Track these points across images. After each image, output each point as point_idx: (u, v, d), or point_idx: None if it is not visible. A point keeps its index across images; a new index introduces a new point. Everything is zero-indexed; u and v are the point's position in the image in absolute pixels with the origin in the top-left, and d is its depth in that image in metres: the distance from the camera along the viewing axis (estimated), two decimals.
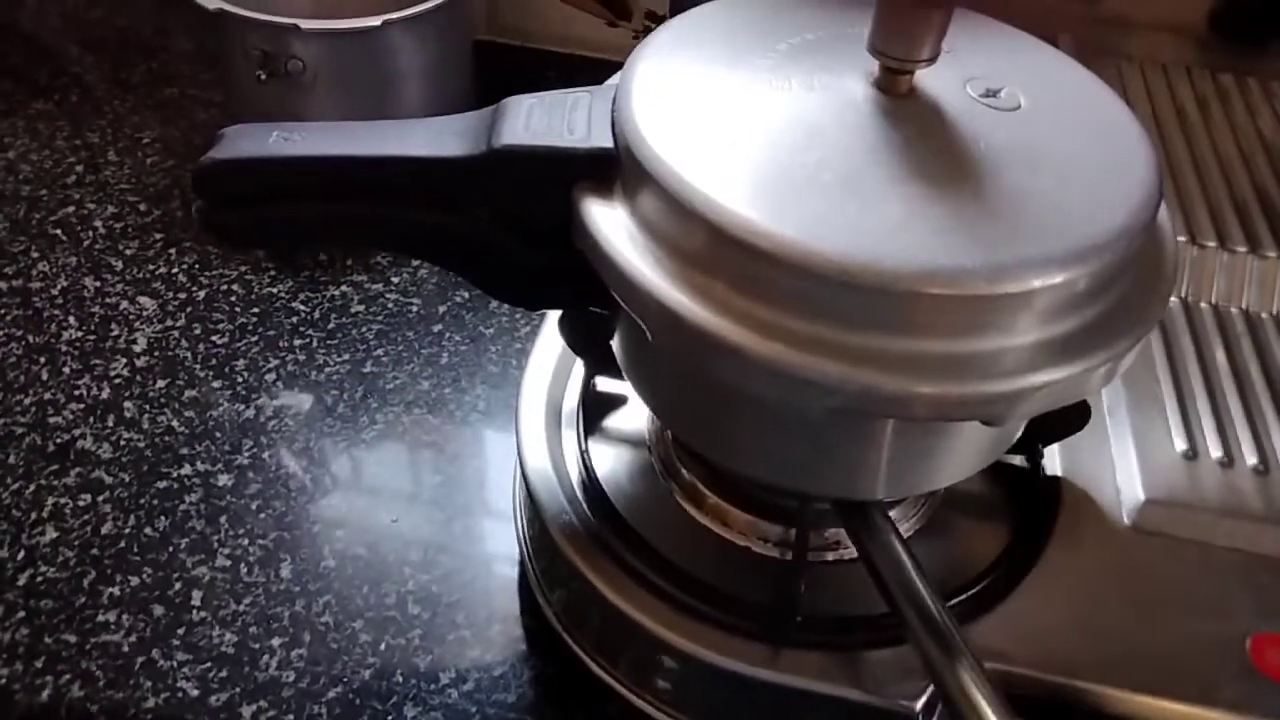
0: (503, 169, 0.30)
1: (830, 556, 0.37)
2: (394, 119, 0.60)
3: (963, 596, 0.36)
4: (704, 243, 0.27)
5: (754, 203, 0.26)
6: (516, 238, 0.32)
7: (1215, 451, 0.41)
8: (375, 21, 0.55)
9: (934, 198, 0.27)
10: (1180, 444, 0.41)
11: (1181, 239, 0.49)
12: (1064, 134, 0.30)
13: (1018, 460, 0.41)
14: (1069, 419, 0.39)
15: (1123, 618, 0.36)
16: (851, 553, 0.37)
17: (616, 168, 0.30)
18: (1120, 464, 0.40)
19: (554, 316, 0.42)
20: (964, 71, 0.31)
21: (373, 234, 0.33)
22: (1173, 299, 0.48)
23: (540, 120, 0.31)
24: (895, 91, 0.30)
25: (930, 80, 0.30)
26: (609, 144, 0.30)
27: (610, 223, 0.29)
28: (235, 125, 0.32)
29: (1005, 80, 0.31)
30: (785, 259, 0.26)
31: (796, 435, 0.32)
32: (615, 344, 0.36)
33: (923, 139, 0.29)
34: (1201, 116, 0.58)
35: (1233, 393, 0.43)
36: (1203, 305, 0.47)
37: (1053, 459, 0.41)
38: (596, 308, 0.33)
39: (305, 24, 0.54)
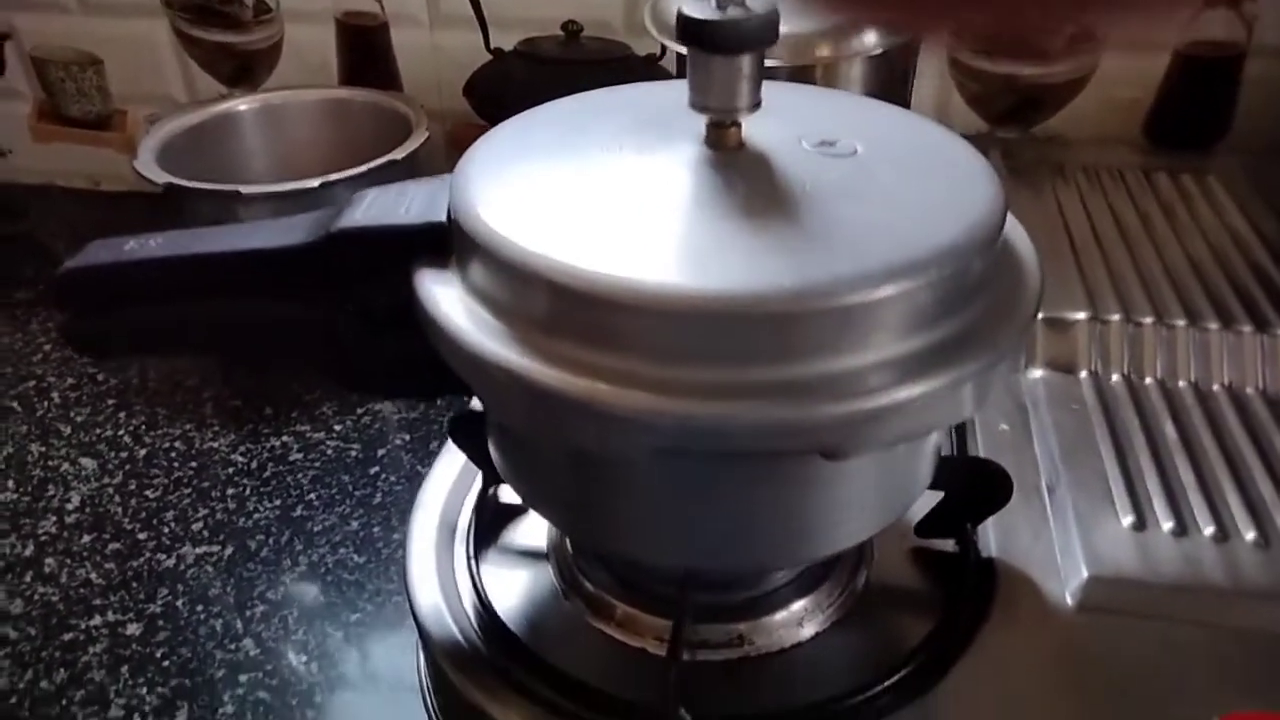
0: (339, 251, 0.30)
1: (735, 654, 0.34)
2: None
3: (884, 685, 0.32)
4: (513, 288, 0.26)
5: (561, 245, 0.26)
6: (364, 323, 0.31)
7: (1167, 522, 0.37)
8: (314, 183, 0.57)
9: (752, 229, 0.26)
10: (1127, 517, 0.38)
11: (1115, 316, 0.47)
12: (900, 174, 0.29)
13: (947, 545, 0.38)
14: (991, 492, 0.36)
15: (1069, 705, 0.32)
16: (754, 649, 0.34)
17: (449, 241, 0.30)
18: (1061, 541, 0.37)
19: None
20: (799, 129, 0.31)
21: (226, 335, 0.33)
22: (1114, 376, 0.45)
23: (379, 205, 0.31)
24: (724, 146, 0.30)
25: (762, 135, 0.30)
26: (442, 218, 0.30)
27: (443, 292, 0.29)
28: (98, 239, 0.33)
29: (842, 134, 0.31)
30: (585, 293, 0.25)
31: (664, 500, 0.30)
32: (489, 438, 0.34)
33: (748, 184, 0.28)
34: (1137, 212, 0.58)
35: (1184, 464, 0.40)
36: (1147, 381, 0.45)
37: (987, 542, 0.37)
38: (451, 392, 0.32)
39: (245, 189, 0.57)
